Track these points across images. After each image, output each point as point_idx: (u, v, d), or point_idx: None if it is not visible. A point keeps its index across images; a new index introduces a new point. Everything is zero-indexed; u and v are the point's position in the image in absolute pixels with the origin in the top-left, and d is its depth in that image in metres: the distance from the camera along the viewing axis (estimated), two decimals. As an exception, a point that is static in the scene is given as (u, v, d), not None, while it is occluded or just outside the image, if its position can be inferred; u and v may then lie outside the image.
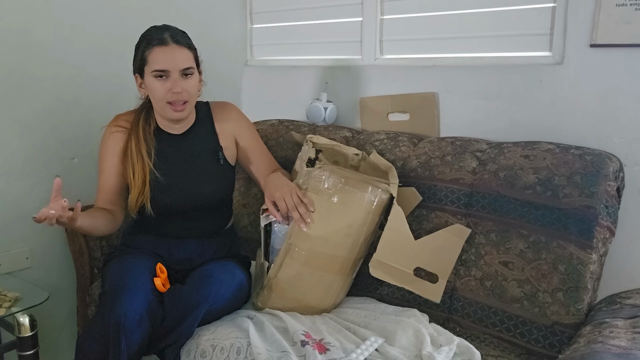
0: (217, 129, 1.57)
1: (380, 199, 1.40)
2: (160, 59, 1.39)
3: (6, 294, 1.49)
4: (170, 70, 1.39)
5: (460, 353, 1.25)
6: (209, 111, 1.59)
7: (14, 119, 1.69)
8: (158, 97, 1.42)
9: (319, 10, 2.08)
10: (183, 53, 1.41)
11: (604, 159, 1.37)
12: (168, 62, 1.39)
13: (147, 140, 1.49)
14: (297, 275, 1.41)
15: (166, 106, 1.43)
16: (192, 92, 1.44)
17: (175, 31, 1.44)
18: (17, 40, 1.67)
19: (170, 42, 1.40)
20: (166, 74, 1.40)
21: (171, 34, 1.42)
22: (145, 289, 1.33)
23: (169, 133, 1.53)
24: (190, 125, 1.55)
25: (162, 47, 1.39)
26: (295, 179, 1.54)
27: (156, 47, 1.40)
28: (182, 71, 1.41)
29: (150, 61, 1.40)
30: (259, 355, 1.20)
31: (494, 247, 1.42)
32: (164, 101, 1.42)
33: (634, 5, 1.39)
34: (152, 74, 1.40)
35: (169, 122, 1.51)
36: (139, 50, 1.44)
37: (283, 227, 1.45)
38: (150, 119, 1.52)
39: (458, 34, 1.75)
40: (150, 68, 1.40)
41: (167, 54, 1.39)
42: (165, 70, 1.39)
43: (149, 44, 1.41)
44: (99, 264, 1.75)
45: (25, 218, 1.75)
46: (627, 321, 1.18)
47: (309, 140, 1.56)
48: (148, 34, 1.43)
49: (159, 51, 1.39)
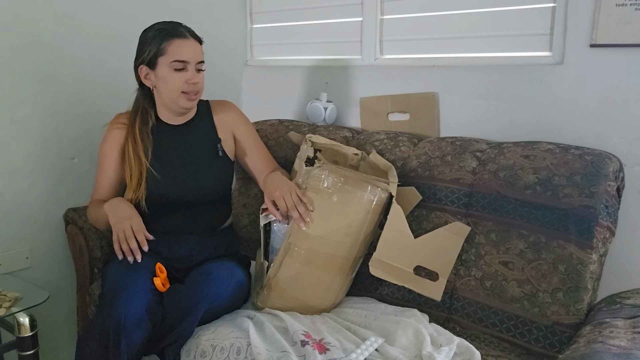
0: (215, 122, 1.61)
1: (379, 198, 1.40)
2: (183, 51, 1.45)
3: (6, 294, 1.49)
4: (190, 62, 1.46)
5: (460, 353, 1.25)
6: (208, 107, 1.64)
7: (14, 119, 1.69)
8: (174, 87, 1.46)
9: (319, 10, 2.08)
10: (198, 47, 1.49)
11: (604, 159, 1.37)
12: (189, 53, 1.45)
13: (144, 140, 1.52)
14: (296, 274, 1.41)
15: (180, 95, 1.47)
16: (203, 84, 1.52)
17: (188, 27, 1.51)
18: (17, 41, 1.67)
19: (189, 36, 1.47)
20: (185, 65, 1.45)
21: (186, 29, 1.49)
22: (144, 289, 1.33)
23: (169, 124, 1.56)
24: (190, 118, 1.59)
25: (182, 40, 1.46)
26: (294, 178, 1.54)
27: (177, 39, 1.45)
28: (198, 64, 1.48)
29: (170, 52, 1.44)
30: (259, 355, 1.20)
31: (494, 247, 1.42)
32: (179, 91, 1.46)
33: (634, 5, 1.39)
34: (171, 65, 1.44)
35: (173, 113, 1.55)
36: (153, 41, 1.46)
37: (282, 227, 1.46)
38: (147, 117, 1.54)
39: (458, 34, 1.75)
40: (170, 58, 1.44)
41: (188, 46, 1.46)
42: (186, 61, 1.45)
43: (167, 35, 1.45)
44: (99, 264, 1.75)
45: (25, 218, 1.75)
46: (627, 321, 1.18)
47: (308, 139, 1.56)
48: (163, 27, 1.47)
49: (180, 43, 1.45)
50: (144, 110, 1.54)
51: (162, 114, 1.56)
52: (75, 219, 1.77)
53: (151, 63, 1.47)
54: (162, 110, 1.55)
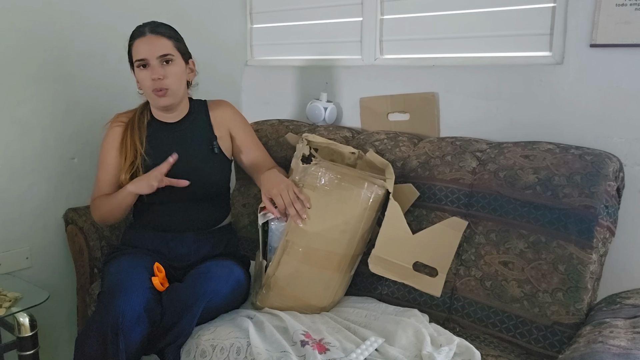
0: (212, 120, 1.63)
1: (376, 194, 1.40)
2: (139, 49, 1.48)
3: (6, 294, 1.49)
4: (148, 58, 1.47)
5: (460, 353, 1.25)
6: (205, 106, 1.66)
7: (14, 119, 1.69)
8: (144, 86, 1.50)
9: (319, 10, 2.08)
10: (160, 41, 1.48)
11: (604, 159, 1.37)
12: (145, 50, 1.47)
13: (141, 129, 1.56)
14: (295, 272, 1.41)
15: (152, 94, 1.50)
16: (173, 79, 1.49)
17: (156, 24, 1.51)
18: (17, 40, 1.67)
19: (147, 33, 1.48)
20: (146, 62, 1.47)
21: (150, 27, 1.50)
22: (143, 288, 1.33)
23: (164, 122, 1.59)
24: (184, 115, 1.60)
25: (140, 39, 1.49)
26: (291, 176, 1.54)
27: (136, 39, 1.49)
28: (160, 58, 1.47)
29: (133, 53, 1.50)
30: (259, 355, 1.20)
31: (494, 247, 1.42)
32: (150, 89, 1.49)
33: (634, 5, 1.39)
34: (135, 65, 1.49)
35: (161, 111, 1.58)
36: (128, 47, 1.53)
37: (280, 225, 1.46)
38: (147, 111, 1.59)
39: (458, 34, 1.75)
40: (134, 59, 1.50)
41: (144, 43, 1.48)
42: (143, 58, 1.47)
43: (131, 38, 1.51)
44: (99, 264, 1.75)
45: (25, 218, 1.75)
46: (627, 321, 1.18)
47: (304, 138, 1.57)
48: (133, 30, 1.52)
49: (138, 42, 1.49)
50: (143, 108, 1.60)
51: (155, 112, 1.60)
52: (75, 219, 1.77)
53: (132, 67, 1.54)
54: (154, 109, 1.60)
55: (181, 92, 1.54)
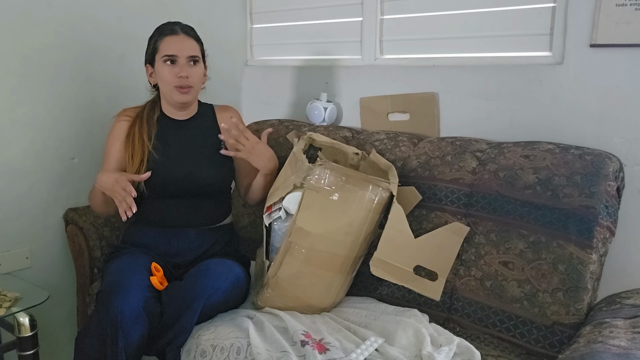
0: (218, 121, 1.66)
1: (380, 197, 1.40)
2: (171, 46, 1.53)
3: (6, 294, 1.49)
4: (178, 56, 1.53)
5: (460, 353, 1.25)
6: (212, 110, 1.70)
7: (14, 119, 1.69)
8: (166, 81, 1.54)
9: (319, 10, 2.08)
10: (191, 42, 1.56)
11: (604, 159, 1.37)
12: (177, 48, 1.53)
13: (150, 124, 1.59)
14: (297, 273, 1.41)
15: (173, 89, 1.54)
16: (197, 79, 1.57)
17: (185, 25, 1.59)
18: (17, 41, 1.67)
19: (180, 32, 1.55)
20: (174, 59, 1.53)
21: (181, 26, 1.58)
22: (142, 287, 1.34)
23: (173, 118, 1.63)
24: (193, 115, 1.65)
25: (172, 36, 1.55)
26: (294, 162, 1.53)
27: (167, 36, 1.55)
28: (189, 58, 1.54)
29: (161, 48, 1.54)
30: (259, 355, 1.20)
31: (494, 247, 1.42)
32: (171, 85, 1.54)
33: (634, 5, 1.39)
34: (162, 59, 1.53)
35: (173, 107, 1.62)
36: (151, 41, 1.58)
37: (283, 225, 1.46)
38: (156, 107, 1.63)
39: (458, 34, 1.75)
40: (161, 54, 1.53)
41: (177, 41, 1.54)
42: (174, 55, 1.52)
43: (161, 33, 1.56)
44: (99, 264, 1.75)
45: (25, 218, 1.75)
46: (627, 321, 1.18)
47: (309, 137, 1.57)
48: (161, 26, 1.58)
49: (170, 39, 1.54)
50: (152, 104, 1.63)
51: (165, 109, 1.63)
52: (75, 219, 1.77)
53: (151, 61, 1.58)
54: (165, 105, 1.63)
55: (198, 92, 1.62)
